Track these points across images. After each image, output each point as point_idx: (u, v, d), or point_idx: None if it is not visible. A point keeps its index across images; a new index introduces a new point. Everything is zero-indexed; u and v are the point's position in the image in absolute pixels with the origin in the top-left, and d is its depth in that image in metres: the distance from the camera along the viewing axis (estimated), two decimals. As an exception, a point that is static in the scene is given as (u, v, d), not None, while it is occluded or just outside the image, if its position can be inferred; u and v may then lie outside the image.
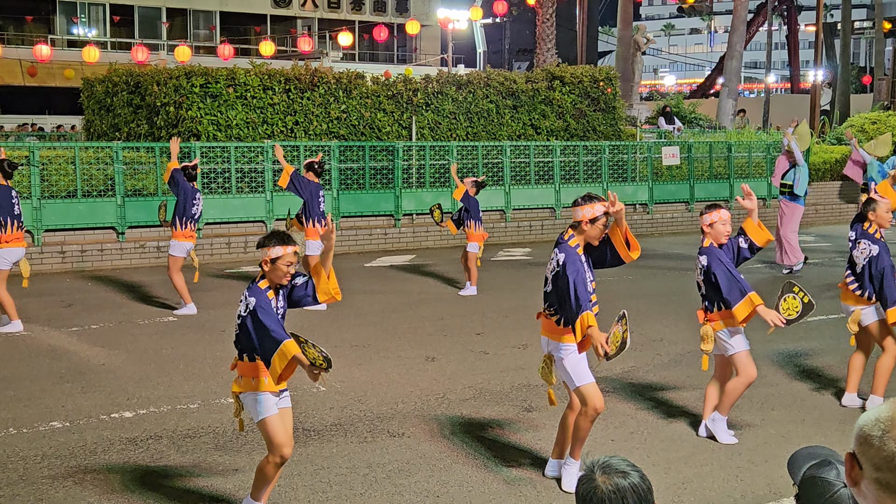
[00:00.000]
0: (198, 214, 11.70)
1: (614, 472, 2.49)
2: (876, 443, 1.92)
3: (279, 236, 5.31)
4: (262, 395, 5.26)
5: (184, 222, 11.50)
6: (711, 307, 6.89)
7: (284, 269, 5.25)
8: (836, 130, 28.26)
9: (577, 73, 21.92)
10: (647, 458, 6.54)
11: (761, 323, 10.89)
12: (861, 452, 1.96)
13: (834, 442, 6.86)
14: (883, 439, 1.91)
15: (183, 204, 11.50)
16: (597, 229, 5.88)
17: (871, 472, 1.93)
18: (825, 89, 39.70)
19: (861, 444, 1.96)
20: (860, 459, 1.96)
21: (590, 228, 5.88)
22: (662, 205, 21.54)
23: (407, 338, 10.43)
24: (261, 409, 5.26)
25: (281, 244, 5.25)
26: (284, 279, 5.31)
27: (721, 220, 6.86)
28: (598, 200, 5.87)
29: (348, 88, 18.83)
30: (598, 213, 5.83)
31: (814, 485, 2.29)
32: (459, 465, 6.46)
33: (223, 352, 9.61)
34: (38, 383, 8.51)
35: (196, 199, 11.61)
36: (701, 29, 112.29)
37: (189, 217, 11.53)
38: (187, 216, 11.51)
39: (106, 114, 19.30)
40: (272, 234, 5.33)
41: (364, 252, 17.21)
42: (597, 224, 5.86)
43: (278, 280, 5.30)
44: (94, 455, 6.64)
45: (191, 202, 11.52)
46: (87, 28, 43.73)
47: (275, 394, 5.29)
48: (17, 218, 10.68)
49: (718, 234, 6.87)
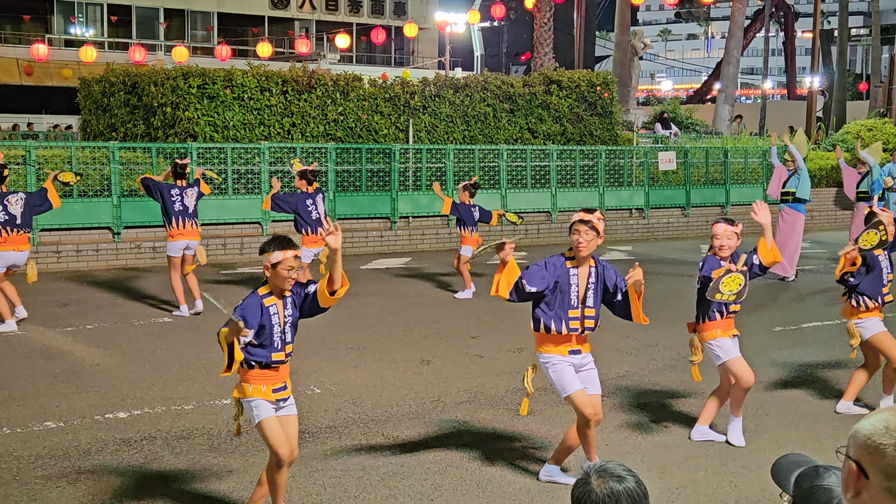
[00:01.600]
0: (188, 209, 11.47)
1: (610, 476, 2.50)
2: (890, 451, 1.90)
3: (280, 241, 5.24)
4: (255, 402, 5.26)
5: (171, 221, 11.39)
6: (698, 318, 6.91)
7: (285, 273, 5.18)
8: (832, 137, 28.32)
9: (575, 77, 21.96)
10: (642, 462, 6.54)
11: (763, 327, 10.93)
12: (870, 462, 1.93)
13: (829, 448, 6.86)
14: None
15: (163, 205, 11.40)
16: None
17: (882, 482, 1.91)
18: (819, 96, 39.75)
19: (871, 454, 1.94)
20: (867, 469, 1.94)
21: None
22: (658, 210, 21.57)
23: (402, 341, 10.43)
24: (255, 413, 5.27)
25: (281, 249, 5.18)
26: (287, 284, 5.23)
27: (717, 233, 6.78)
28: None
29: (345, 90, 18.83)
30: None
31: (814, 495, 2.27)
32: (454, 469, 6.45)
33: (218, 353, 9.59)
34: (32, 383, 8.50)
35: (174, 195, 11.41)
36: (698, 34, 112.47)
37: (175, 215, 11.37)
38: (173, 214, 11.38)
39: (103, 114, 19.29)
40: (273, 239, 5.26)
41: (360, 254, 17.21)
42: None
43: (281, 285, 5.23)
44: (89, 455, 6.63)
45: (169, 201, 11.38)
46: (84, 28, 43.70)
47: (270, 400, 5.28)
48: (9, 223, 10.56)
49: (716, 247, 6.82)
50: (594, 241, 5.92)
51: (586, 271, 6.01)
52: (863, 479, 1.94)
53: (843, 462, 2.04)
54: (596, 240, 5.93)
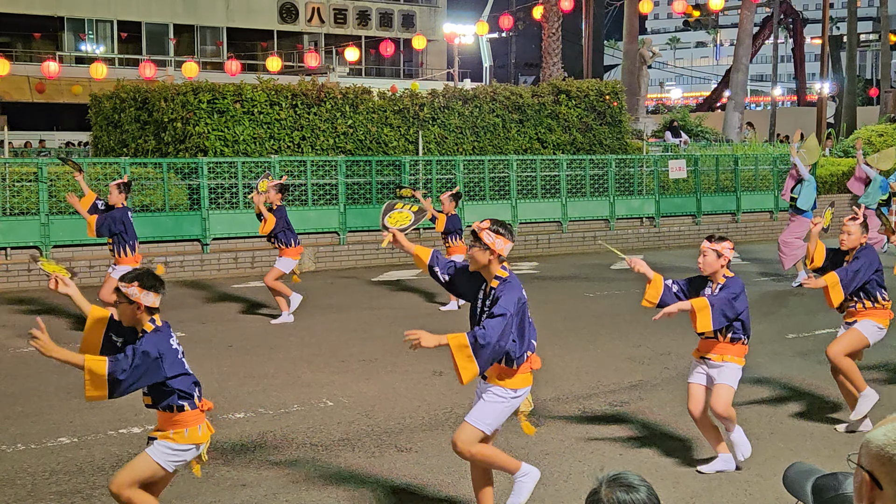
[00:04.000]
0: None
1: (620, 486, 2.50)
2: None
3: (151, 278, 5.13)
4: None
5: (133, 247, 10.92)
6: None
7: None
8: (843, 143, 28.25)
9: (584, 86, 21.97)
10: (656, 472, 6.52)
11: (776, 334, 10.89)
12: (884, 473, 1.91)
13: (843, 455, 6.82)
14: None
15: (129, 230, 10.89)
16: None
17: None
18: (829, 102, 39.69)
19: (884, 465, 1.91)
20: (880, 479, 1.92)
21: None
22: (669, 218, 21.53)
23: (414, 352, 10.36)
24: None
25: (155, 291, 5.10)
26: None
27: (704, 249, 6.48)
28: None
29: (355, 103, 18.88)
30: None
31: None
32: (467, 480, 6.43)
33: (230, 367, 9.63)
34: (45, 399, 8.52)
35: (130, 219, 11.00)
36: (707, 42, 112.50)
37: (134, 239, 10.93)
38: (134, 240, 10.96)
39: (114, 130, 19.38)
40: (144, 274, 5.15)
41: (371, 266, 17.22)
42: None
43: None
44: (103, 471, 6.64)
45: (131, 226, 10.90)
46: (94, 45, 43.96)
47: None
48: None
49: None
50: (480, 255, 5.41)
51: (486, 290, 5.53)
52: (876, 490, 1.92)
53: (854, 471, 2.02)
54: (483, 254, 5.39)
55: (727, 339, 6.50)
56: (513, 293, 5.31)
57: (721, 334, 6.48)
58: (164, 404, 5.05)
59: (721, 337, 6.49)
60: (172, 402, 5.03)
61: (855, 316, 7.60)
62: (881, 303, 7.57)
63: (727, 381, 6.48)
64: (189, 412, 5.06)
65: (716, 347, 6.53)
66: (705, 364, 6.59)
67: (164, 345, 4.96)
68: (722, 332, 6.47)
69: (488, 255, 5.38)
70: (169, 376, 4.96)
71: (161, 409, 5.08)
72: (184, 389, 5.03)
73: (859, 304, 7.56)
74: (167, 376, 4.96)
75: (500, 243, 5.36)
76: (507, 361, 5.41)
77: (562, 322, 11.84)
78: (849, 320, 7.66)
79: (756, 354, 10.18)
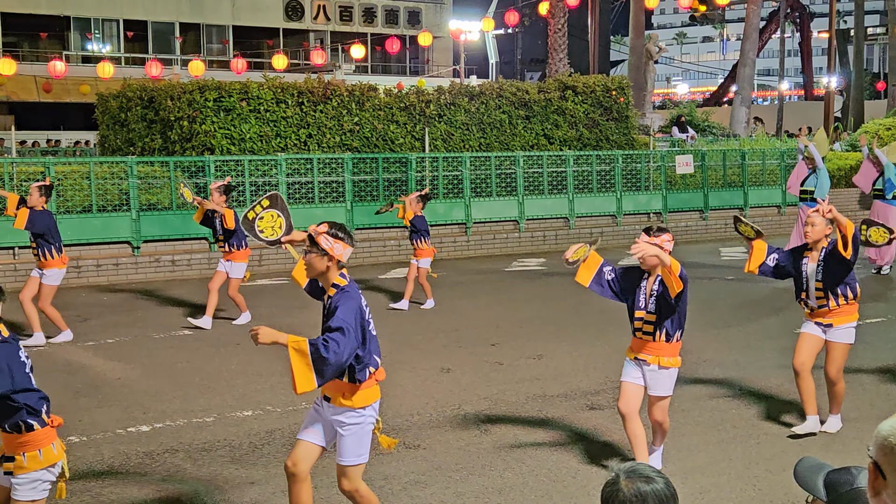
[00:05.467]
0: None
1: (638, 476, 2.50)
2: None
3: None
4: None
5: (59, 248, 10.64)
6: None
7: None
8: (851, 137, 28.16)
9: (590, 82, 21.93)
10: (665, 468, 6.50)
11: (785, 329, 10.86)
12: (887, 462, 1.91)
13: (852, 450, 6.82)
14: None
15: (54, 233, 10.61)
16: None
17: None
18: (836, 96, 39.57)
19: (887, 455, 1.92)
20: (884, 469, 1.92)
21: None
22: (676, 213, 21.50)
23: (421, 349, 10.42)
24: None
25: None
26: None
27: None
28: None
29: (361, 101, 18.88)
30: None
31: (856, 499, 2.20)
32: (475, 477, 6.44)
33: (238, 365, 9.64)
34: (54, 398, 8.48)
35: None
36: (713, 37, 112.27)
37: (60, 242, 10.70)
38: (59, 242, 10.69)
39: (120, 129, 19.41)
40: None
41: (378, 263, 17.21)
42: None
43: None
44: (111, 469, 6.65)
45: (55, 228, 10.61)
46: (101, 44, 44.01)
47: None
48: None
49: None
50: (317, 261, 5.02)
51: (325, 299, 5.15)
52: (880, 480, 1.92)
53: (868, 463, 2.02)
54: (321, 260, 5.01)
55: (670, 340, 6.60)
56: (350, 303, 4.92)
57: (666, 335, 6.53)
58: (11, 422, 4.54)
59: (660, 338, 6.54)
60: (20, 418, 4.54)
61: (828, 317, 7.14)
62: (851, 301, 7.16)
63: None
64: (39, 430, 4.59)
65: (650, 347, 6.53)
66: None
67: (13, 358, 4.53)
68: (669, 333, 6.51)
69: (326, 261, 4.99)
70: (16, 389, 4.48)
71: (7, 429, 4.56)
72: (31, 405, 4.55)
73: (832, 301, 7.08)
74: (13, 389, 4.47)
75: (339, 248, 5.00)
76: (349, 378, 5.06)
77: (570, 318, 11.84)
78: (820, 321, 7.19)
79: (764, 350, 10.16)
